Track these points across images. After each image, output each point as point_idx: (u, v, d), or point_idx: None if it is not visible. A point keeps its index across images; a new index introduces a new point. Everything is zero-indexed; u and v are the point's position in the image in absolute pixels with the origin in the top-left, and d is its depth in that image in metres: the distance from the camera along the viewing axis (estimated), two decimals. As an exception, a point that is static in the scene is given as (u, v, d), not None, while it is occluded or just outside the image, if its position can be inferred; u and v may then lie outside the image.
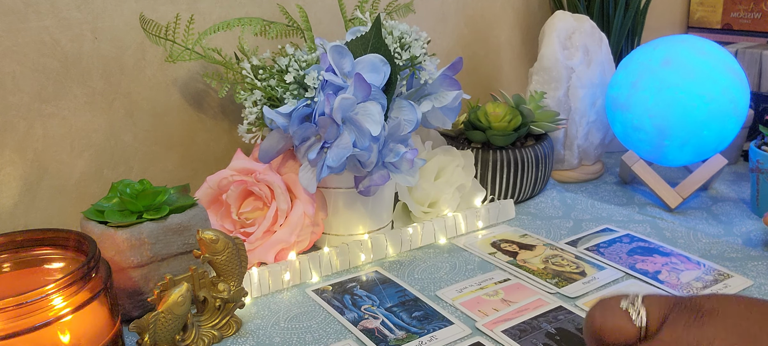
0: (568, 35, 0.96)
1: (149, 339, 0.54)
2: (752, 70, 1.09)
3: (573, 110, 0.96)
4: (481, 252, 0.75)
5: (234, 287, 0.59)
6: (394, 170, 0.71)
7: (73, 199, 0.74)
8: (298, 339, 0.59)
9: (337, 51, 0.66)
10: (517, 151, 0.85)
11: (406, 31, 0.72)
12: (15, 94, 0.68)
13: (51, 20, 0.68)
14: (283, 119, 0.67)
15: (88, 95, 0.73)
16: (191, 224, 0.62)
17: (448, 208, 0.81)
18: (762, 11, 1.24)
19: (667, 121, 0.82)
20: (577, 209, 0.87)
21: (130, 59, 0.75)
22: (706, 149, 0.85)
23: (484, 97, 1.11)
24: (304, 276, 0.69)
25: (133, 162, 0.78)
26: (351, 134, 0.65)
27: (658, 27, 1.28)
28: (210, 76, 0.74)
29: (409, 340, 0.58)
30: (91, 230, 0.59)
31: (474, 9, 1.08)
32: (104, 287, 0.52)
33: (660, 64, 0.83)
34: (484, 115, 0.86)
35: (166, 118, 0.79)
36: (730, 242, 0.77)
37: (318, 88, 0.66)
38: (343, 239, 0.75)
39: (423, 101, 0.74)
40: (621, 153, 0.95)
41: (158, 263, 0.60)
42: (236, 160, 0.73)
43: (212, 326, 0.59)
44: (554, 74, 0.94)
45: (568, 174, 0.98)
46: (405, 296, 0.65)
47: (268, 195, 0.71)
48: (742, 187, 0.95)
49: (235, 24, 0.74)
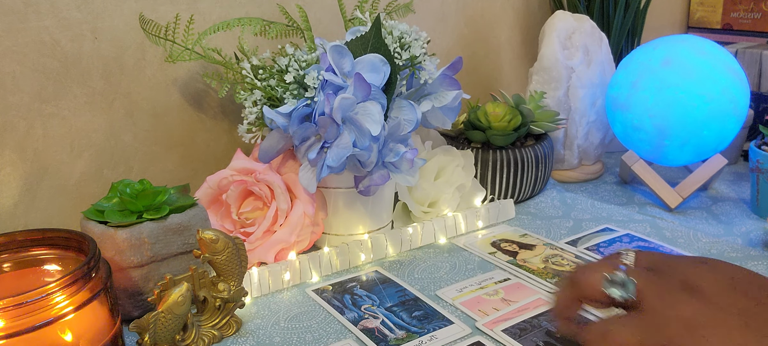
0: (568, 35, 0.96)
1: (149, 339, 0.54)
2: (752, 70, 1.09)
3: (573, 110, 0.96)
4: (481, 252, 0.75)
5: (234, 286, 0.59)
6: (394, 170, 0.71)
7: (73, 199, 0.74)
8: (298, 339, 0.59)
9: (337, 51, 0.66)
10: (517, 151, 0.85)
11: (405, 31, 0.72)
12: (15, 94, 0.68)
13: (51, 20, 0.68)
14: (283, 119, 0.67)
15: (88, 95, 0.73)
16: (191, 224, 0.62)
17: (448, 208, 0.81)
18: (762, 11, 1.25)
19: (667, 121, 0.83)
20: (577, 209, 0.87)
21: (130, 59, 0.75)
22: (706, 149, 0.85)
23: (484, 97, 1.11)
24: (304, 276, 0.69)
25: (133, 162, 0.78)
26: (351, 134, 0.65)
27: (658, 27, 1.28)
28: (210, 76, 0.74)
29: (410, 339, 0.58)
30: (91, 230, 0.59)
31: (474, 9, 1.08)
32: (104, 287, 0.52)
33: (660, 64, 0.83)
34: (484, 115, 0.86)
35: (166, 118, 0.79)
36: (730, 241, 0.77)
37: (318, 88, 0.66)
38: (343, 238, 0.75)
39: (423, 101, 0.74)
40: (621, 153, 0.96)
41: (158, 263, 0.60)
42: (236, 160, 0.73)
43: (212, 325, 0.59)
44: (554, 74, 0.94)
45: (568, 174, 0.98)
46: (405, 295, 0.65)
47: (268, 195, 0.71)
48: (742, 187, 0.95)
49: (235, 24, 0.74)
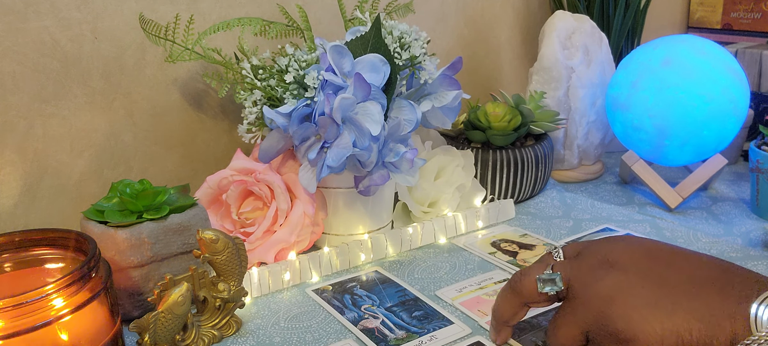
0: (568, 35, 0.96)
1: (149, 339, 0.54)
2: (752, 70, 1.09)
3: (573, 110, 0.96)
4: (481, 252, 0.75)
5: (234, 286, 0.59)
6: (394, 170, 0.71)
7: (73, 199, 0.74)
8: (298, 339, 0.59)
9: (336, 51, 0.66)
10: (517, 151, 0.85)
11: (405, 31, 0.72)
12: (15, 94, 0.68)
13: (51, 20, 0.68)
14: (283, 119, 0.67)
15: (88, 95, 0.73)
16: (191, 224, 0.62)
17: (448, 208, 0.81)
18: (762, 11, 1.24)
19: (667, 121, 0.83)
20: (577, 209, 0.87)
21: (130, 59, 0.75)
22: (706, 149, 0.85)
23: (484, 97, 1.11)
24: (304, 276, 0.69)
25: (133, 162, 0.78)
26: (351, 134, 0.65)
27: (658, 27, 1.28)
28: (210, 76, 0.75)
29: (409, 340, 0.58)
30: (91, 230, 0.59)
31: (474, 9, 1.08)
32: (104, 287, 0.52)
33: (660, 64, 0.83)
34: (484, 115, 0.86)
35: (166, 118, 0.79)
36: (730, 241, 0.77)
37: (318, 88, 0.66)
38: (343, 238, 0.75)
39: (423, 101, 0.74)
40: (621, 153, 0.96)
41: (158, 263, 0.60)
42: (236, 160, 0.73)
43: (212, 325, 0.59)
44: (554, 74, 0.94)
45: (568, 174, 0.98)
46: (405, 295, 0.65)
47: (268, 195, 0.71)
48: (742, 187, 0.95)
49: (235, 24, 0.74)
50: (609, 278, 0.45)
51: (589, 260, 0.47)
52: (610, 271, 0.45)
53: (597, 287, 0.45)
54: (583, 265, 0.47)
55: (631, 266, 0.45)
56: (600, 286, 0.45)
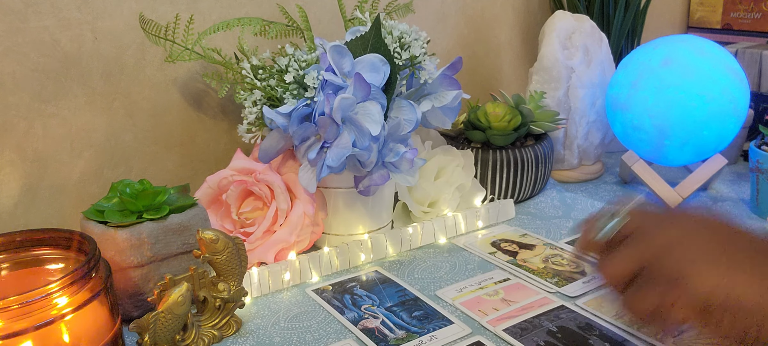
0: (568, 35, 0.96)
1: (149, 339, 0.54)
2: (752, 70, 1.09)
3: (573, 110, 0.96)
4: (481, 252, 0.75)
5: (234, 286, 0.59)
6: (394, 170, 0.71)
7: (73, 199, 0.74)
8: (298, 339, 0.59)
9: (336, 51, 0.66)
10: (517, 151, 0.85)
11: (405, 30, 0.72)
12: (15, 94, 0.68)
13: (51, 20, 0.68)
14: (282, 119, 0.67)
15: (88, 95, 0.73)
16: (191, 224, 0.62)
17: (448, 208, 0.81)
18: (762, 11, 1.25)
19: (667, 121, 0.83)
20: (577, 209, 0.87)
21: (130, 59, 0.75)
22: (706, 149, 0.85)
23: (484, 97, 1.11)
24: (304, 276, 0.69)
25: (133, 162, 0.78)
26: (351, 134, 0.65)
27: (658, 27, 1.28)
28: (210, 76, 0.75)
29: (409, 339, 0.58)
30: (91, 230, 0.59)
31: (474, 9, 1.08)
32: (104, 287, 0.52)
33: (660, 64, 0.83)
34: (484, 115, 0.86)
35: (166, 118, 0.79)
36: (730, 241, 0.77)
37: (318, 88, 0.67)
38: (343, 238, 0.75)
39: (423, 101, 0.74)
40: (621, 153, 0.95)
41: (158, 263, 0.60)
42: (236, 160, 0.73)
43: (212, 325, 0.59)
44: (554, 74, 0.94)
45: (568, 174, 0.98)
46: (405, 295, 0.65)
47: (268, 195, 0.71)
48: (742, 187, 0.95)
49: (235, 24, 0.74)
50: (672, 230, 0.47)
51: (657, 216, 0.50)
52: (672, 226, 0.48)
53: (662, 234, 0.47)
54: (650, 216, 0.50)
55: (688, 227, 0.48)
56: (665, 234, 0.47)
